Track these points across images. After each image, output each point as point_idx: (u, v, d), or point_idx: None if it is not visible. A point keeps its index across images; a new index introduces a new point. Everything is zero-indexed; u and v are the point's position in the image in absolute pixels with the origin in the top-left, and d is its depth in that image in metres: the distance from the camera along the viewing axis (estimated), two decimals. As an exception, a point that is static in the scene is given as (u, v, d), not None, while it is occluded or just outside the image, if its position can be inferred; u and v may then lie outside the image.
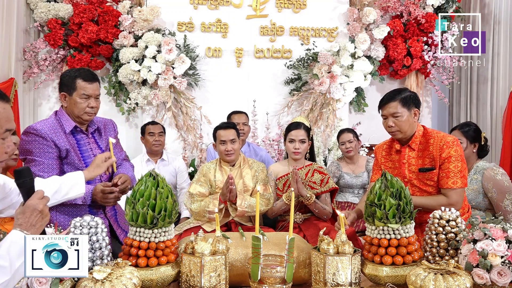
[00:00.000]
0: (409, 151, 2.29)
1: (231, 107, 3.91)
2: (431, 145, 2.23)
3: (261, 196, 2.59)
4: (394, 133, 2.27)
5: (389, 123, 2.24)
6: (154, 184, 1.68)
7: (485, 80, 4.78)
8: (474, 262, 1.54)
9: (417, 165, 2.26)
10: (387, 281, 1.68)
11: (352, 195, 3.55)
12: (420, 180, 2.26)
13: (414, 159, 2.27)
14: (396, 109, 2.21)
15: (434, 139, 2.23)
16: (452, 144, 2.18)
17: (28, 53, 4.14)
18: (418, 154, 2.27)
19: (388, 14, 4.70)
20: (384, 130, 2.33)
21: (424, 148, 2.26)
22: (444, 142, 2.19)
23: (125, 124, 4.52)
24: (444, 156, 2.17)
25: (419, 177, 2.26)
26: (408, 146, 2.29)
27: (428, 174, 2.23)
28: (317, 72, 4.34)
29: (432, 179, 2.23)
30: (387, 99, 2.26)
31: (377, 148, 2.52)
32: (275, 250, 1.82)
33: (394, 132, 2.26)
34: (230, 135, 2.67)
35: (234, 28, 4.46)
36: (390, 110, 2.22)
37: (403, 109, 2.21)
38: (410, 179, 2.29)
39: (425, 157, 2.24)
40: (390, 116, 2.23)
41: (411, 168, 2.28)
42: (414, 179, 2.27)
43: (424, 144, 2.26)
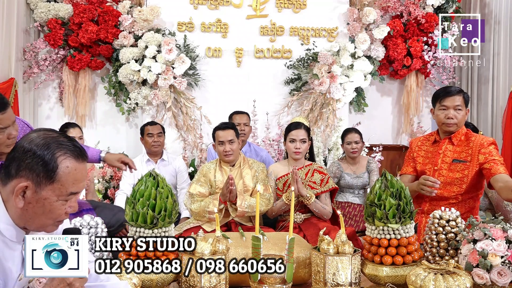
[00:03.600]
0: (447, 144, 2.43)
1: (231, 107, 3.91)
2: (471, 141, 2.38)
3: (261, 196, 2.59)
4: (451, 125, 2.37)
5: (450, 114, 2.35)
6: (154, 184, 1.68)
7: (485, 80, 4.78)
8: (474, 262, 1.54)
9: (452, 157, 2.39)
10: (387, 281, 1.68)
11: (353, 195, 3.55)
12: (450, 170, 2.38)
13: (450, 152, 2.41)
14: (460, 102, 2.35)
15: (475, 138, 2.39)
16: (491, 143, 2.34)
17: (28, 53, 4.14)
18: (455, 148, 2.41)
19: (388, 14, 4.70)
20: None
21: (464, 144, 2.40)
22: (485, 140, 2.37)
23: (125, 124, 4.52)
24: (484, 152, 2.30)
25: (451, 167, 2.38)
26: (449, 138, 2.42)
27: (461, 166, 2.35)
28: (317, 72, 4.34)
29: (463, 171, 2.35)
30: (453, 91, 2.39)
31: (412, 140, 2.67)
32: (275, 250, 1.82)
33: (451, 124, 2.37)
34: (229, 135, 2.67)
35: (234, 28, 4.46)
36: (455, 102, 2.35)
37: (463, 105, 2.37)
38: (440, 168, 2.41)
39: (463, 152, 2.38)
40: (452, 108, 2.36)
41: (445, 159, 2.41)
42: (445, 169, 2.39)
43: (464, 141, 2.41)
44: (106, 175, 4.09)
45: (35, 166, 1.12)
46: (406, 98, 4.80)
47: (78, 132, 3.35)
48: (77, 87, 4.32)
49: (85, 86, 4.32)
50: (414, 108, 4.80)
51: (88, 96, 4.36)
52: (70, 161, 1.15)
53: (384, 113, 4.92)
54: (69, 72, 4.29)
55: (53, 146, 1.15)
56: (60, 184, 1.15)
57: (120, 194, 3.46)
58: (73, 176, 1.16)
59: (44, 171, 1.13)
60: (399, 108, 4.93)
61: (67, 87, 4.30)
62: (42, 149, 1.13)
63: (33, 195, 1.14)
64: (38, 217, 1.17)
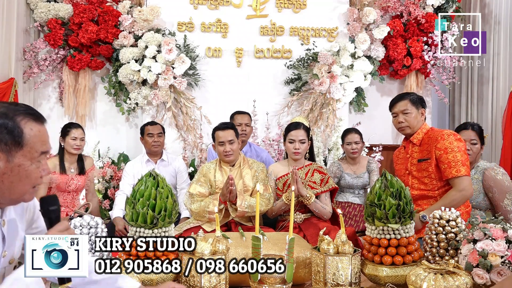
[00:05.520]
0: (412, 146, 2.53)
1: (231, 107, 3.91)
2: (430, 138, 2.44)
3: (261, 196, 2.59)
4: (403, 128, 2.51)
5: (399, 119, 2.50)
6: (154, 184, 1.68)
7: (485, 80, 4.79)
8: (474, 262, 1.54)
9: (417, 158, 2.50)
10: (387, 281, 1.68)
11: (353, 195, 3.54)
12: (418, 170, 2.48)
13: (416, 153, 2.51)
14: (406, 107, 2.48)
15: (433, 133, 2.44)
16: (447, 136, 2.38)
17: (28, 53, 4.14)
18: (420, 149, 2.49)
19: (388, 14, 4.70)
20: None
21: (425, 142, 2.48)
22: (439, 134, 2.40)
23: (125, 124, 4.53)
24: (439, 147, 2.36)
25: (418, 167, 2.48)
26: (410, 141, 2.52)
27: (424, 164, 2.44)
28: (317, 72, 4.34)
29: (427, 169, 2.43)
30: (398, 98, 2.55)
31: (394, 153, 2.78)
32: (275, 250, 1.82)
33: (404, 128, 2.51)
34: (228, 135, 2.67)
35: (234, 28, 4.46)
36: (401, 107, 2.49)
37: (412, 107, 2.48)
38: (410, 171, 2.52)
39: (424, 150, 2.47)
40: (400, 113, 2.50)
41: (412, 161, 2.52)
42: (414, 170, 2.50)
43: (426, 139, 2.48)
44: (106, 175, 4.09)
45: (1, 136, 1.13)
46: (406, 98, 4.79)
47: (81, 133, 3.24)
48: (77, 87, 4.33)
49: (85, 86, 4.32)
50: (414, 108, 4.79)
51: (88, 96, 4.36)
52: (32, 123, 1.17)
53: (384, 113, 4.87)
54: (69, 72, 4.29)
55: (11, 113, 1.15)
56: (29, 147, 1.16)
57: (120, 194, 3.46)
58: (39, 137, 1.18)
59: (10, 139, 1.14)
60: (399, 108, 4.92)
61: (67, 87, 4.30)
62: (2, 118, 1.14)
63: (6, 165, 1.14)
64: (15, 186, 1.17)
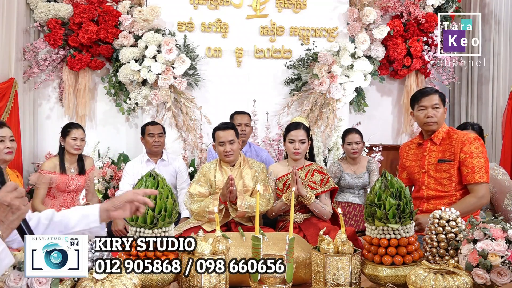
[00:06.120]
0: (430, 145, 2.46)
1: (231, 107, 3.91)
2: (454, 140, 2.38)
3: (261, 196, 2.59)
4: (431, 123, 2.41)
5: (429, 113, 2.40)
6: (154, 184, 1.68)
7: (485, 80, 4.78)
8: (474, 262, 1.54)
9: (436, 158, 2.42)
10: (387, 281, 1.68)
11: (353, 195, 3.55)
12: (437, 170, 2.41)
13: (435, 152, 2.43)
14: (437, 101, 2.40)
15: (457, 135, 2.39)
16: (474, 140, 2.33)
17: (28, 53, 4.14)
18: (439, 148, 2.42)
19: (388, 14, 4.70)
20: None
21: (446, 143, 2.41)
22: (466, 138, 2.35)
23: (125, 124, 4.53)
24: (465, 151, 2.31)
25: (437, 168, 2.40)
26: (430, 139, 2.45)
27: (446, 165, 2.37)
28: (317, 72, 4.34)
29: (448, 171, 2.36)
30: (429, 91, 2.45)
31: (401, 147, 2.69)
32: (275, 250, 1.82)
33: (432, 123, 2.41)
34: (229, 136, 2.67)
35: (234, 28, 4.46)
36: (432, 101, 2.40)
37: (441, 103, 2.42)
38: (427, 170, 2.44)
39: (446, 151, 2.40)
40: (430, 107, 2.40)
41: (430, 160, 2.43)
42: (432, 170, 2.42)
43: (446, 139, 2.41)
44: (106, 175, 4.09)
45: None
46: (406, 98, 4.79)
47: (81, 133, 3.23)
48: (77, 87, 4.33)
49: (85, 86, 4.32)
50: (414, 108, 4.80)
51: (88, 96, 4.37)
52: None
53: (384, 113, 4.93)
54: (69, 72, 4.29)
55: None
56: None
57: (120, 194, 3.46)
58: None
59: None
60: (399, 108, 4.93)
61: (67, 87, 4.30)
62: None
63: None
64: None
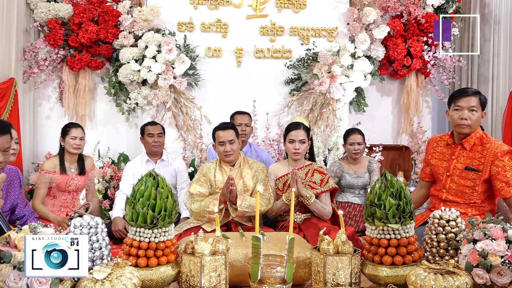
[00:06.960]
0: (460, 149, 2.36)
1: (231, 107, 3.91)
2: (486, 149, 2.28)
3: (261, 196, 2.59)
4: (464, 126, 2.30)
5: (464, 115, 2.28)
6: (154, 184, 1.68)
7: (485, 80, 4.78)
8: (474, 262, 1.54)
9: (464, 164, 2.32)
10: (387, 281, 1.68)
11: (353, 195, 3.54)
12: (462, 177, 2.32)
13: (463, 158, 2.34)
14: (475, 103, 2.28)
15: (490, 145, 2.28)
16: (506, 153, 2.24)
17: (28, 53, 4.14)
18: (469, 154, 2.33)
19: (388, 14, 4.70)
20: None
21: (477, 150, 2.31)
22: (499, 150, 2.24)
23: (125, 124, 4.53)
24: (498, 164, 2.22)
25: (462, 174, 2.32)
26: (460, 144, 2.35)
27: (473, 174, 2.29)
28: (317, 72, 4.34)
29: (474, 180, 2.29)
30: (469, 92, 2.32)
31: (429, 141, 2.57)
32: (275, 250, 1.82)
33: (464, 126, 2.29)
34: (229, 135, 2.67)
35: (234, 28, 4.46)
36: (470, 103, 2.28)
37: (479, 107, 2.30)
38: (452, 174, 2.36)
39: (475, 159, 2.31)
40: (466, 109, 2.28)
41: (457, 165, 2.35)
42: (457, 175, 2.34)
43: (478, 146, 2.31)
44: (106, 175, 4.09)
45: None
46: (406, 98, 4.80)
47: (81, 132, 3.25)
48: (77, 87, 4.33)
49: (85, 86, 4.32)
50: (414, 108, 4.80)
51: (88, 96, 4.36)
52: None
53: (384, 113, 4.92)
54: (69, 72, 4.29)
55: None
56: None
57: (120, 194, 3.46)
58: None
59: None
60: (399, 108, 4.93)
61: (67, 87, 4.30)
62: None
63: None
64: None
